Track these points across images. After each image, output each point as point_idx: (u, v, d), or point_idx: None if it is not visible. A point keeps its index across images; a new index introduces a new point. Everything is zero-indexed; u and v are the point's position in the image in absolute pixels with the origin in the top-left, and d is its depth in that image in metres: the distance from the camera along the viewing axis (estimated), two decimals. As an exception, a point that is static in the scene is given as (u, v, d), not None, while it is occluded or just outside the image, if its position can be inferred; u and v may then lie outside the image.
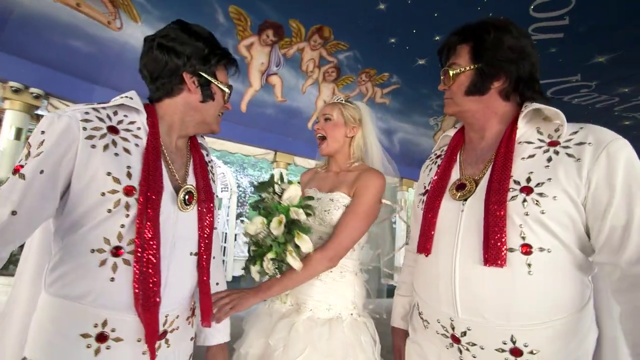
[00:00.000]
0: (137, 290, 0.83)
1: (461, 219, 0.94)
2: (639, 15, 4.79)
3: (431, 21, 5.20)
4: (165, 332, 0.93)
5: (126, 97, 0.93)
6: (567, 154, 0.86)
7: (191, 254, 0.98)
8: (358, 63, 6.50)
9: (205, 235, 1.00)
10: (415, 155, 8.73)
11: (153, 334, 0.86)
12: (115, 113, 0.91)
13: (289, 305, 1.34)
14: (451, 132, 1.16)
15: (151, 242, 0.84)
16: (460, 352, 0.94)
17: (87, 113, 0.86)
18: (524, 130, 0.95)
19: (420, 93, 7.40)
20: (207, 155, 1.16)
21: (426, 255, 1.00)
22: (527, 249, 0.84)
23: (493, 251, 0.84)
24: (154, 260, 0.84)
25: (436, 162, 1.13)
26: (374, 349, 1.29)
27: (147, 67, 0.96)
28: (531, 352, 0.84)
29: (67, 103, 4.68)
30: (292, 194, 1.16)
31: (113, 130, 0.88)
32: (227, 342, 1.15)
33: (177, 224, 0.94)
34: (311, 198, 1.23)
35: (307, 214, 1.17)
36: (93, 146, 0.83)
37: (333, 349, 1.20)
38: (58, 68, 4.56)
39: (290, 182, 1.21)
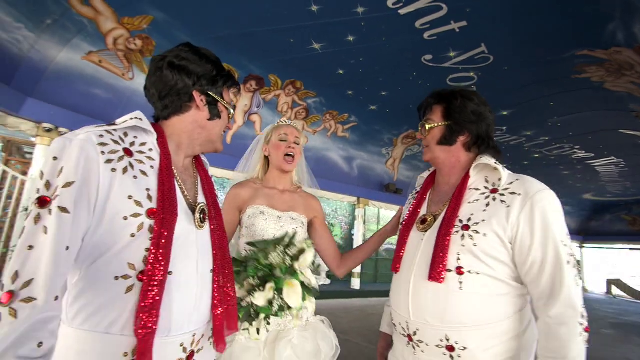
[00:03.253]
0: (137, 316, 0.77)
1: (421, 246, 1.12)
2: (526, 86, 6.70)
3: (378, 82, 6.86)
4: (192, 353, 0.90)
5: (136, 118, 0.90)
6: (501, 200, 1.03)
7: (210, 271, 0.96)
8: (323, 106, 8.03)
9: (221, 251, 0.99)
10: (371, 179, 10.36)
11: None
12: (126, 134, 0.88)
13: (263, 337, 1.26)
14: (426, 174, 1.37)
15: (160, 266, 0.80)
16: (414, 348, 1.09)
17: (101, 136, 0.82)
18: (475, 179, 1.13)
19: (373, 129, 9.06)
20: (208, 170, 1.15)
21: (396, 273, 1.19)
22: (460, 271, 1.01)
23: (436, 270, 1.02)
24: (160, 286, 0.80)
25: (415, 197, 1.32)
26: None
27: (156, 85, 0.95)
28: (461, 348, 1.00)
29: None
30: (308, 260, 1.12)
31: (128, 152, 0.85)
32: None
33: (198, 242, 0.93)
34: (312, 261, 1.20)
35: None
36: (113, 170, 0.80)
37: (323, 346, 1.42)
38: (81, 111, 5.62)
39: (306, 246, 1.16)
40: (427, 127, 1.19)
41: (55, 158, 0.76)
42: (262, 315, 1.10)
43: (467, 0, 4.64)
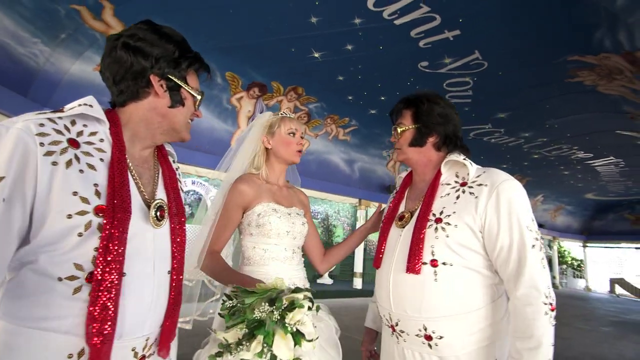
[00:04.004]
0: (87, 322, 0.71)
1: (399, 242, 1.16)
2: (522, 89, 6.87)
3: (377, 88, 7.07)
4: (143, 358, 0.84)
5: (85, 104, 0.80)
6: (470, 192, 1.09)
7: (168, 272, 0.89)
8: (324, 111, 8.26)
9: (179, 252, 0.92)
10: (372, 181, 10.56)
11: None
12: (74, 123, 0.79)
13: None
14: (404, 174, 1.41)
15: (113, 268, 0.73)
16: (397, 338, 1.14)
17: (42, 125, 0.73)
18: (446, 175, 1.18)
19: (374, 132, 9.27)
20: (174, 162, 1.06)
21: (377, 268, 1.23)
22: (434, 263, 1.06)
23: (412, 263, 1.07)
24: (114, 289, 0.73)
25: (394, 196, 1.37)
26: None
27: (110, 68, 0.85)
28: (438, 337, 1.05)
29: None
30: (299, 316, 0.96)
31: (74, 143, 0.76)
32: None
33: (155, 242, 0.86)
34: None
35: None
36: (54, 163, 0.72)
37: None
38: (93, 119, 5.90)
39: (298, 305, 0.96)
40: (399, 130, 1.24)
41: None
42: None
43: (460, 10, 4.84)
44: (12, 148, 0.69)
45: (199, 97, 0.95)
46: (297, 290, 1.03)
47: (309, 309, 0.99)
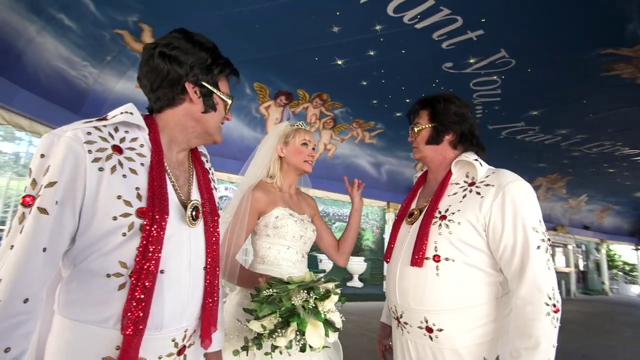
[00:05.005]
0: (125, 312, 0.76)
1: (407, 237, 1.21)
2: (554, 86, 6.63)
3: (400, 91, 7.10)
4: (184, 347, 0.90)
5: (126, 112, 0.86)
6: (476, 192, 1.12)
7: (203, 268, 0.94)
8: (350, 115, 8.39)
9: (213, 249, 0.97)
10: (400, 183, 10.50)
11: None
12: (116, 130, 0.84)
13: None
14: (419, 174, 1.46)
15: (150, 265, 0.79)
16: (402, 330, 1.18)
17: (89, 133, 0.79)
18: (457, 175, 1.22)
19: (400, 135, 9.25)
20: (207, 162, 1.11)
21: (387, 263, 1.29)
22: (437, 258, 1.10)
23: (416, 256, 1.11)
24: (148, 283, 0.78)
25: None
26: None
27: (147, 76, 0.89)
28: (438, 330, 1.08)
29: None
30: (332, 304, 1.06)
31: (117, 150, 0.82)
32: (221, 350, 1.08)
33: (191, 240, 0.91)
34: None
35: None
36: (101, 169, 0.78)
37: None
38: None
39: (332, 290, 1.09)
40: (416, 129, 1.29)
41: (42, 155, 0.75)
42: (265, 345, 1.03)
43: (481, 11, 4.81)
44: (64, 155, 0.75)
45: (229, 102, 0.98)
46: (330, 280, 1.12)
47: (338, 299, 1.05)
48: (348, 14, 5.01)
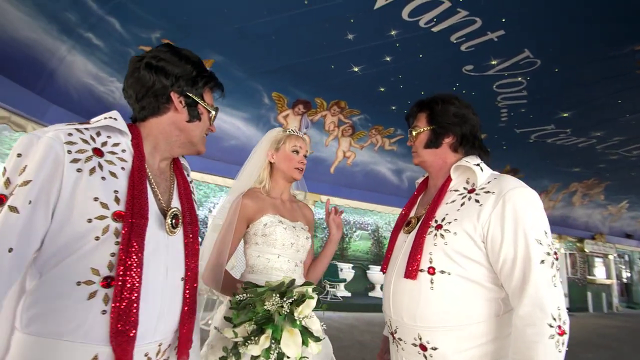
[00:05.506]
0: (113, 324, 0.74)
1: (403, 247, 1.14)
2: (584, 85, 6.27)
3: (420, 96, 6.93)
4: None
5: (110, 117, 0.87)
6: (475, 200, 1.04)
7: (181, 279, 0.92)
8: (368, 122, 8.31)
9: (193, 260, 0.95)
10: (423, 190, 10.23)
11: None
12: (99, 134, 0.84)
13: None
14: (421, 179, 1.38)
15: (134, 272, 0.76)
16: (397, 345, 1.11)
17: (70, 134, 0.78)
18: (456, 181, 1.14)
19: (421, 141, 9.05)
20: (188, 175, 1.11)
21: (384, 273, 1.23)
22: (432, 270, 1.02)
23: (410, 269, 1.04)
24: (135, 292, 0.76)
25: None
26: None
27: (133, 87, 0.92)
28: (432, 348, 1.00)
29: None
30: (309, 310, 1.00)
31: (98, 152, 0.81)
32: None
33: (168, 249, 0.89)
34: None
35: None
36: (79, 170, 0.76)
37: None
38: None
39: (308, 294, 1.02)
40: (414, 133, 1.23)
41: (19, 155, 0.74)
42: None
43: (501, 10, 4.64)
44: (43, 154, 0.74)
45: (213, 113, 1.02)
46: (307, 284, 1.07)
47: (317, 308, 1.00)
48: (362, 21, 4.99)
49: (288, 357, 0.95)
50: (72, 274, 0.76)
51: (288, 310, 0.97)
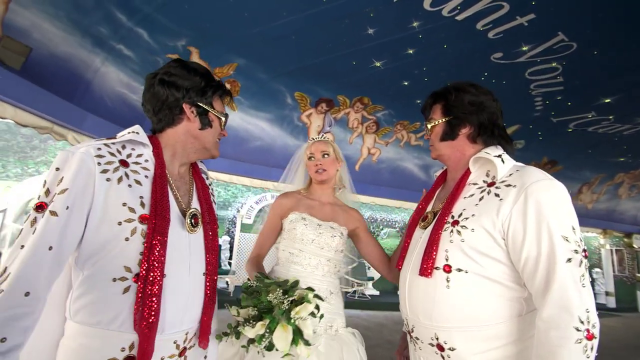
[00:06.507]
0: (136, 313, 0.83)
1: (419, 243, 1.11)
2: (628, 69, 5.79)
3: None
4: (185, 349, 0.95)
5: (133, 132, 0.96)
6: (495, 194, 0.98)
7: (203, 274, 0.99)
8: (393, 118, 8.15)
9: (211, 255, 1.02)
10: (452, 185, 9.91)
11: (148, 355, 0.84)
12: (124, 147, 0.94)
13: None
14: (439, 172, 1.36)
15: (156, 266, 0.84)
16: (414, 345, 1.09)
17: (99, 149, 0.89)
18: (476, 174, 1.09)
19: (449, 134, 8.76)
20: (207, 179, 1.18)
21: (399, 270, 1.20)
22: (448, 268, 0.99)
23: (425, 266, 1.01)
24: (157, 285, 0.84)
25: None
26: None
27: (150, 101, 1.01)
28: (450, 349, 0.96)
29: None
30: (306, 312, 1.04)
31: (124, 163, 0.91)
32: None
33: (190, 247, 0.98)
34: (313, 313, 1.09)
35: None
36: (108, 179, 0.86)
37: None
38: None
39: (307, 298, 1.07)
40: (429, 126, 1.22)
41: (57, 169, 0.85)
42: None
43: (530, -7, 4.39)
44: (77, 167, 0.85)
45: (223, 119, 1.11)
46: (311, 289, 1.12)
47: (313, 315, 1.04)
48: (382, 14, 4.89)
49: (277, 350, 1.02)
50: (109, 271, 0.86)
51: (287, 308, 1.03)
